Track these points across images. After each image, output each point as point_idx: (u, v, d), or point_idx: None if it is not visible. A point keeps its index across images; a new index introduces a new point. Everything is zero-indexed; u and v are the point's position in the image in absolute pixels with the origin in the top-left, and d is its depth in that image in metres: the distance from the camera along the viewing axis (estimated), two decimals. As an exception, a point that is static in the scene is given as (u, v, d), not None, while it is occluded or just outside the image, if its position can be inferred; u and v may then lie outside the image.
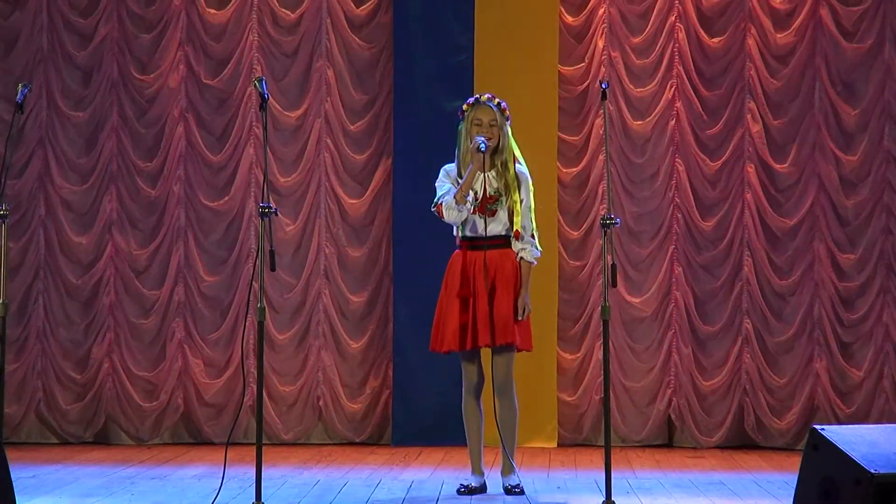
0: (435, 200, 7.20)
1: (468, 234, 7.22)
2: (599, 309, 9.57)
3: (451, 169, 7.28)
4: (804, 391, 9.87)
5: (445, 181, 7.24)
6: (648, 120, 10.08)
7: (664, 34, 10.08)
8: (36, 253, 10.11)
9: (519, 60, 9.95)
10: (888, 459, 5.58)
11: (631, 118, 10.09)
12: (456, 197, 7.09)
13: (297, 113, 10.18)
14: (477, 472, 7.25)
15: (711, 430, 9.93)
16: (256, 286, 8.18)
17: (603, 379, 6.77)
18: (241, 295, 10.02)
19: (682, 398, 9.94)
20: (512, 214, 7.18)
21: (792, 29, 10.00)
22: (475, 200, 7.15)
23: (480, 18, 10.01)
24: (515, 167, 7.23)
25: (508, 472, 7.22)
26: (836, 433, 5.73)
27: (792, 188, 9.99)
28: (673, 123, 10.05)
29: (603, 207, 9.82)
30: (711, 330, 9.99)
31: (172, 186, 10.12)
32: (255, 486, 6.44)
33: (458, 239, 7.27)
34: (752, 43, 10.01)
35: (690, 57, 10.05)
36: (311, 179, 10.16)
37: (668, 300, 10.02)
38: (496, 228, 7.18)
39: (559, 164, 10.05)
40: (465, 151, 7.22)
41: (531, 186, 7.28)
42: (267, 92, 6.54)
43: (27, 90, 6.76)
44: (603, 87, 6.81)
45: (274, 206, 6.55)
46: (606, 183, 7.18)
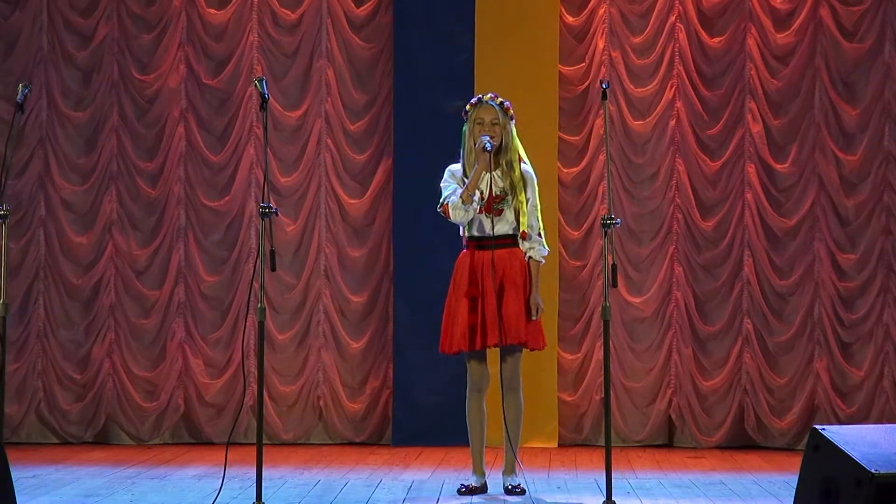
0: (441, 201, 7.18)
1: (475, 233, 7.20)
2: (600, 309, 9.55)
3: (456, 169, 7.26)
4: (804, 391, 9.87)
5: (451, 181, 7.21)
6: (649, 120, 10.08)
7: (664, 34, 10.08)
8: (36, 253, 10.11)
9: (519, 60, 9.95)
10: (888, 459, 5.58)
11: (631, 118, 10.09)
12: (462, 197, 7.08)
13: (297, 113, 10.18)
14: (478, 472, 7.24)
15: (712, 430, 9.92)
16: (257, 286, 8.18)
17: (603, 379, 6.77)
18: (241, 295, 10.02)
19: (682, 398, 9.94)
20: (518, 214, 7.16)
21: (792, 29, 10.00)
22: (481, 200, 7.13)
23: (480, 18, 10.00)
24: (521, 167, 7.22)
25: (511, 471, 7.22)
26: (836, 433, 5.72)
27: (792, 188, 9.99)
28: (673, 123, 10.05)
29: (603, 207, 9.81)
30: (712, 330, 9.99)
31: (173, 186, 10.12)
32: (255, 486, 6.44)
33: (464, 239, 7.25)
34: (752, 43, 10.01)
35: (691, 57, 10.05)
36: (311, 179, 10.16)
37: (668, 300, 10.01)
38: (503, 228, 7.17)
39: (559, 163, 10.05)
40: (468, 151, 7.21)
41: (536, 185, 7.28)
42: (267, 92, 6.54)
43: (27, 90, 6.76)
44: (603, 86, 6.80)
45: (274, 206, 6.54)
46: (607, 183, 7.18)
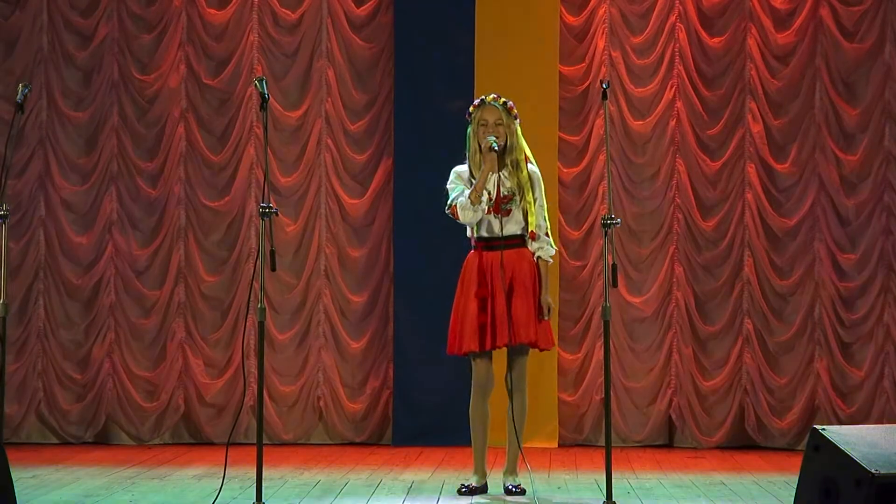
0: (448, 202, 7.15)
1: (484, 234, 7.18)
2: (600, 309, 9.60)
3: (462, 170, 7.24)
4: (805, 391, 9.87)
5: (457, 182, 7.19)
6: (649, 120, 10.08)
7: (665, 34, 10.08)
8: (36, 253, 10.11)
9: (519, 60, 9.95)
10: (889, 459, 5.58)
11: (631, 118, 10.09)
12: (470, 197, 7.07)
13: (297, 113, 10.18)
14: (479, 472, 7.23)
15: (712, 430, 9.92)
16: (257, 286, 8.18)
17: (604, 379, 6.76)
18: (241, 295, 10.02)
19: (682, 398, 9.94)
20: (527, 214, 7.15)
21: (792, 29, 10.00)
22: (489, 200, 7.13)
23: (481, 18, 10.00)
24: (528, 167, 7.22)
25: (512, 472, 7.22)
26: (836, 433, 5.73)
27: (792, 188, 9.99)
28: (673, 123, 10.05)
29: (603, 207, 9.81)
30: (712, 330, 9.99)
31: (173, 186, 10.12)
32: (255, 486, 6.44)
33: (472, 240, 7.23)
34: (752, 43, 10.01)
35: (691, 57, 10.05)
36: (311, 179, 10.16)
37: (668, 300, 10.01)
38: (512, 228, 7.15)
39: (560, 164, 10.05)
40: (474, 153, 7.19)
41: (543, 185, 7.27)
42: (267, 92, 6.53)
43: (27, 90, 6.76)
44: (604, 86, 6.80)
45: (274, 206, 6.54)
46: (607, 183, 7.18)
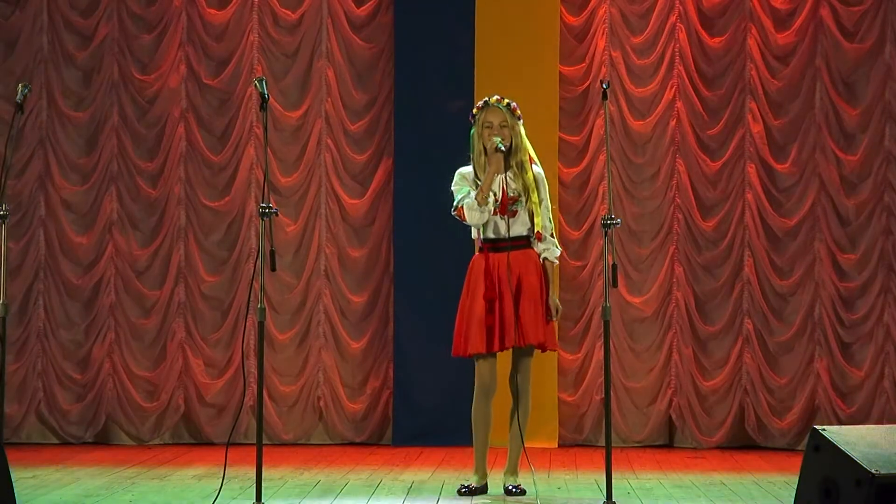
0: (455, 204, 7.14)
1: (490, 235, 7.16)
2: (600, 309, 9.60)
3: (467, 172, 7.22)
4: (805, 391, 9.87)
5: (463, 184, 7.18)
6: (649, 120, 10.08)
7: (665, 34, 10.08)
8: (36, 253, 10.11)
9: (519, 60, 9.94)
10: (889, 460, 5.58)
11: (632, 118, 10.09)
12: (477, 199, 7.07)
13: (297, 113, 10.18)
14: (480, 472, 7.22)
15: (712, 430, 9.92)
16: (257, 286, 8.18)
17: (604, 379, 6.76)
18: (241, 295, 10.02)
19: (682, 398, 9.94)
20: (532, 215, 7.15)
21: (793, 29, 9.99)
22: (495, 202, 7.12)
23: (481, 18, 10.00)
24: (533, 168, 7.22)
25: (513, 472, 7.21)
26: (836, 433, 5.72)
27: (793, 188, 9.99)
28: (674, 123, 10.05)
29: (604, 207, 9.81)
30: (712, 330, 9.99)
31: (173, 187, 10.12)
32: (255, 486, 6.44)
33: (478, 241, 7.21)
34: (752, 43, 10.01)
35: (691, 57, 10.05)
36: (311, 179, 10.16)
37: (668, 300, 10.01)
38: (518, 229, 7.14)
39: (560, 164, 10.04)
40: (478, 154, 7.19)
41: (547, 186, 7.28)
42: (267, 92, 6.53)
43: (27, 90, 6.75)
44: (604, 86, 6.80)
45: (274, 206, 6.54)
46: (607, 183, 7.17)
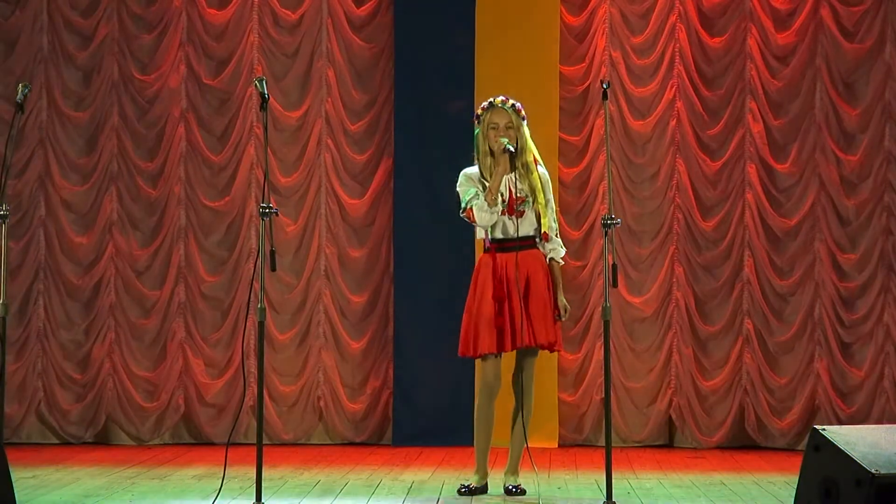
0: (464, 206, 7.12)
1: (499, 235, 7.15)
2: (600, 309, 9.59)
3: (472, 173, 7.20)
4: (805, 391, 9.87)
5: (469, 185, 7.17)
6: (649, 120, 10.08)
7: (665, 34, 10.08)
8: (36, 253, 10.11)
9: (520, 60, 9.94)
10: (889, 460, 5.58)
11: (632, 118, 10.09)
12: (487, 200, 7.07)
13: (297, 113, 10.18)
14: (481, 472, 7.22)
15: (712, 430, 9.92)
16: (257, 286, 8.18)
17: (604, 379, 6.76)
18: (241, 295, 10.02)
19: (682, 398, 9.94)
20: (539, 215, 7.15)
21: (793, 29, 9.99)
22: (503, 202, 7.13)
23: (481, 18, 10.00)
24: (538, 169, 7.22)
25: (514, 472, 7.21)
26: (836, 433, 5.72)
27: (793, 188, 9.99)
28: (674, 123, 10.05)
29: (604, 207, 9.81)
30: (712, 330, 9.99)
31: (173, 187, 10.12)
32: (255, 486, 6.44)
33: (486, 242, 7.18)
34: (752, 43, 10.01)
35: (691, 57, 10.05)
36: (311, 179, 10.16)
37: (668, 300, 10.01)
38: (526, 229, 7.14)
39: (560, 164, 10.04)
40: (484, 155, 7.18)
41: (551, 187, 7.28)
42: (267, 92, 6.53)
43: (27, 90, 6.76)
44: (604, 86, 6.80)
45: (274, 206, 6.54)
46: (607, 183, 7.17)
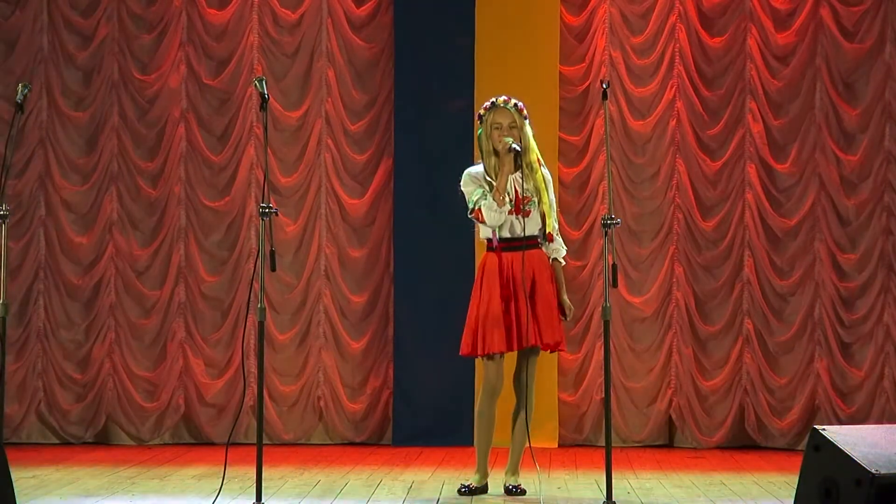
0: (472, 206, 7.12)
1: (507, 235, 7.16)
2: (600, 309, 9.59)
3: (476, 173, 7.20)
4: (805, 391, 9.87)
5: (474, 185, 7.17)
6: (649, 120, 10.08)
7: (665, 34, 10.08)
8: (36, 253, 10.11)
9: (519, 60, 9.94)
10: (889, 459, 5.57)
11: (632, 118, 10.09)
12: (496, 200, 7.08)
13: (297, 113, 10.18)
14: (481, 472, 7.22)
15: (712, 430, 9.92)
16: (257, 286, 8.18)
17: (604, 379, 6.76)
18: (241, 295, 10.02)
19: (682, 398, 9.94)
20: (543, 215, 7.16)
21: (793, 29, 10.00)
22: (510, 202, 7.14)
23: (481, 18, 10.00)
24: (541, 169, 7.23)
25: (514, 472, 7.21)
26: (837, 433, 5.72)
27: (793, 188, 9.99)
28: (674, 123, 10.05)
29: (604, 207, 9.81)
30: (712, 330, 9.99)
31: (173, 187, 10.12)
32: (255, 486, 6.45)
33: (494, 241, 7.17)
34: (752, 43, 10.01)
35: (691, 57, 10.05)
36: (311, 179, 10.16)
37: (668, 300, 10.01)
38: (532, 229, 7.15)
39: (560, 163, 10.04)
40: (488, 155, 7.19)
41: (552, 187, 7.29)
42: (267, 92, 6.53)
43: (27, 90, 6.76)
44: (604, 86, 6.80)
45: (274, 206, 6.54)
46: (607, 183, 7.18)
